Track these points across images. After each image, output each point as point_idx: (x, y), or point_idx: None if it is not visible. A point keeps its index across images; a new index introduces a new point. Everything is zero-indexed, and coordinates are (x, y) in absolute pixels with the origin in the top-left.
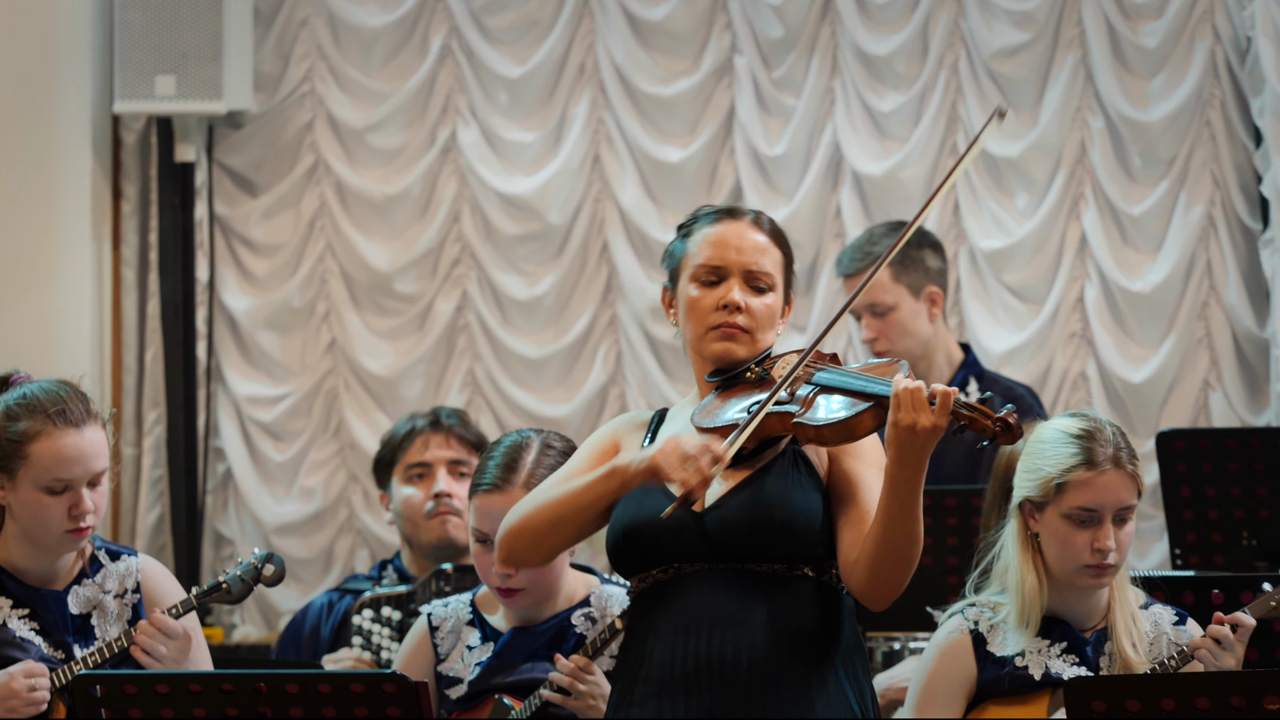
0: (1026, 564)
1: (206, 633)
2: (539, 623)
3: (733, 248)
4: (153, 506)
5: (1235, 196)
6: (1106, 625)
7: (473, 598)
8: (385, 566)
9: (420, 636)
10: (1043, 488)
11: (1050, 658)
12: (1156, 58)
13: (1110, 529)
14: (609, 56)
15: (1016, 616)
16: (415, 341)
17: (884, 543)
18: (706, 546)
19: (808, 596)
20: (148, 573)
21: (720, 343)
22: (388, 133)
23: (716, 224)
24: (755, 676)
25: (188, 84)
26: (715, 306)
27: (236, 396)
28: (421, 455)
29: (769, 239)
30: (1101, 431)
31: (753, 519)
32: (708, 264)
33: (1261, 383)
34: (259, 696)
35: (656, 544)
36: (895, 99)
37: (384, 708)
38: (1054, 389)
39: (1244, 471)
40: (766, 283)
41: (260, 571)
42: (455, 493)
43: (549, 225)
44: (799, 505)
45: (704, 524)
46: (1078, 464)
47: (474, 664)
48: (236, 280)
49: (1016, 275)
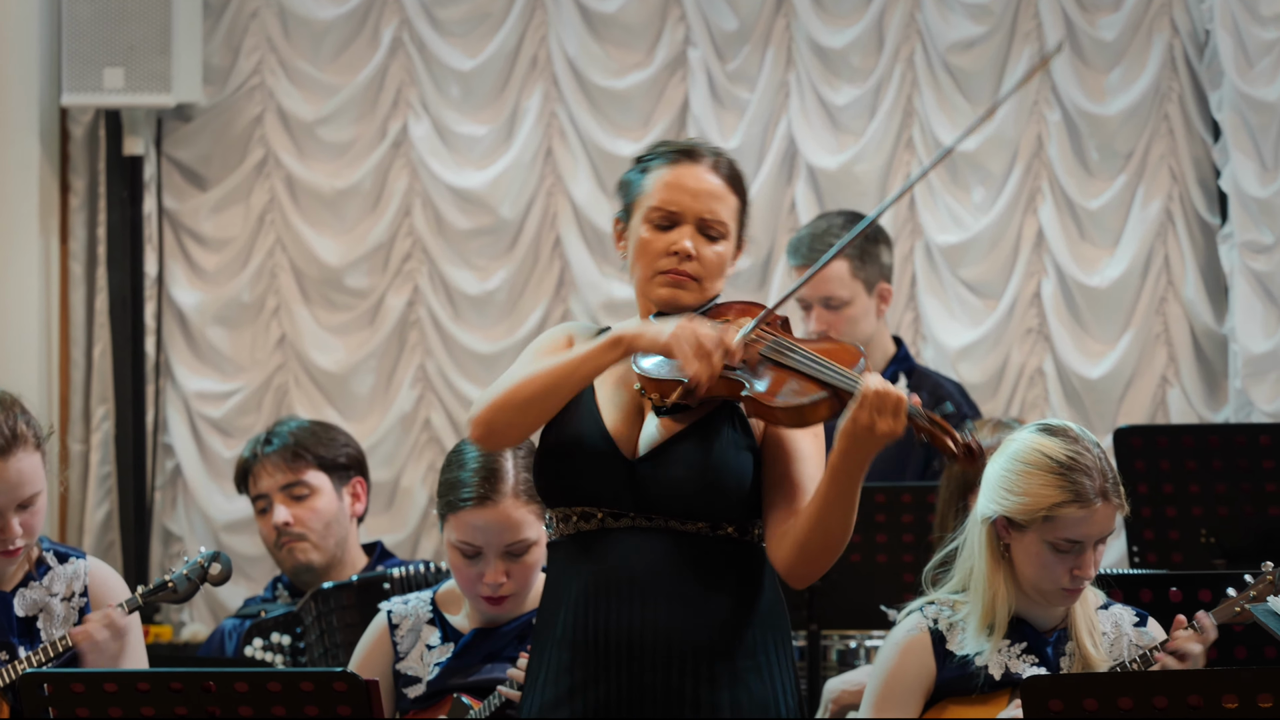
0: (997, 576)
1: (155, 630)
2: (503, 624)
3: (688, 192)
4: (101, 503)
5: (1193, 191)
6: (1067, 625)
7: (433, 596)
8: (276, 585)
9: (379, 633)
10: (1027, 515)
11: (1010, 657)
12: (1114, 51)
13: (1091, 556)
14: (561, 49)
15: (979, 622)
16: (366, 337)
17: (818, 527)
18: (632, 497)
19: (730, 558)
20: (95, 576)
21: (667, 289)
22: (338, 126)
23: (675, 165)
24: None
25: (136, 77)
26: (665, 251)
27: (185, 392)
28: (257, 487)
29: (726, 184)
30: (1085, 455)
31: (686, 477)
32: (661, 207)
33: (1220, 379)
34: (208, 695)
35: (582, 479)
36: (850, 92)
37: (334, 706)
38: (1010, 385)
39: (1202, 468)
40: (719, 230)
41: (207, 570)
42: (293, 518)
43: (501, 219)
44: (732, 465)
45: (635, 473)
46: (1068, 501)
47: (433, 664)
48: (185, 275)
49: (973, 270)
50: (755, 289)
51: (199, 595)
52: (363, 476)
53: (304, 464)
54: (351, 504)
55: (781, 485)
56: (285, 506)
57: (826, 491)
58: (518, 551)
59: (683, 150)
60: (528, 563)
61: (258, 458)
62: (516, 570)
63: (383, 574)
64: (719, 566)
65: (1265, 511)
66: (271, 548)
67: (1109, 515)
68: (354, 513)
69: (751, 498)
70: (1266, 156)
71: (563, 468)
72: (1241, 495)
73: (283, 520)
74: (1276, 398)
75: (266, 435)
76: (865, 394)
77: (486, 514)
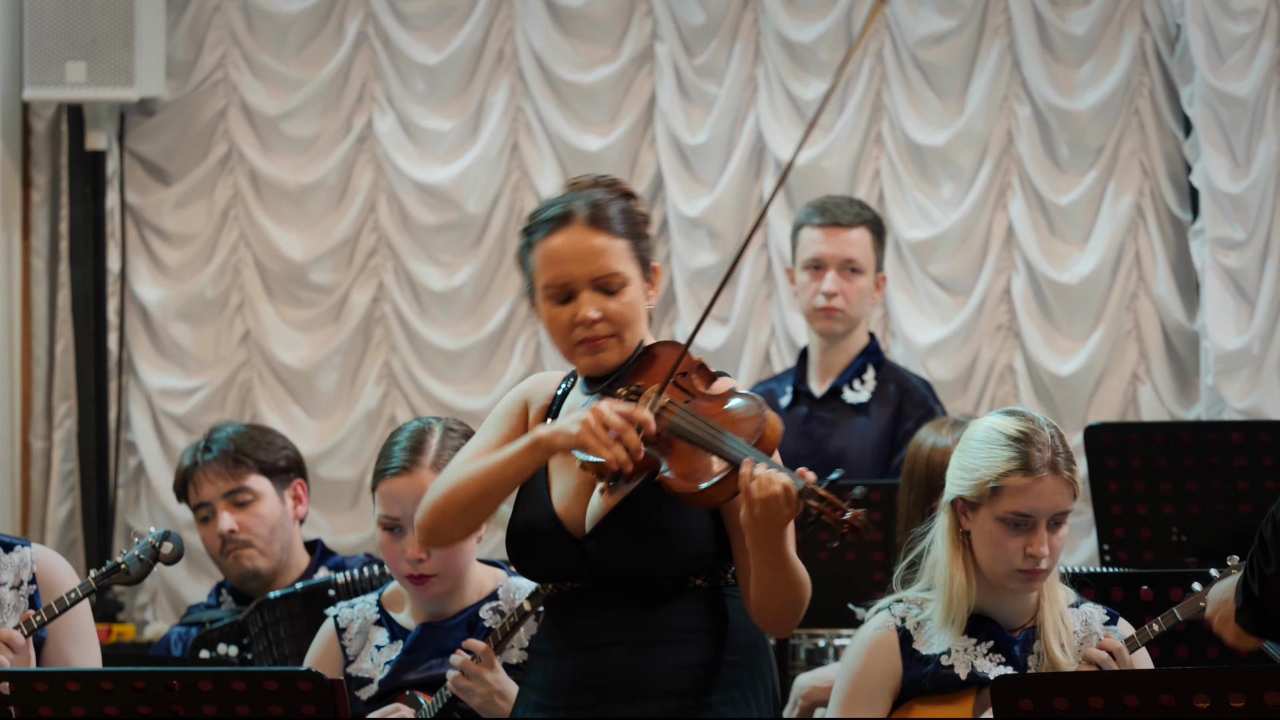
0: (956, 562)
1: (118, 629)
2: (447, 617)
3: (572, 260)
4: (63, 501)
5: (1164, 186)
6: (1035, 624)
7: (378, 597)
8: (220, 590)
9: (327, 639)
10: (977, 489)
11: (976, 656)
12: (1084, 45)
13: (1044, 534)
14: (528, 43)
15: (942, 613)
16: (331, 333)
17: (764, 594)
18: (588, 571)
19: (702, 606)
20: (43, 563)
21: (588, 357)
22: (303, 120)
23: (551, 236)
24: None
25: (99, 70)
26: (571, 324)
27: (148, 389)
28: (199, 496)
29: (608, 235)
30: (1039, 434)
31: (633, 546)
32: (554, 283)
33: (1191, 376)
34: (171, 694)
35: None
36: (819, 87)
37: (299, 706)
38: (980, 382)
39: (1173, 466)
40: (617, 283)
41: (159, 550)
42: (239, 525)
43: (467, 215)
44: (679, 529)
45: (584, 549)
46: (1014, 469)
47: (384, 663)
48: (148, 270)
49: (942, 266)
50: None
51: (163, 595)
52: (302, 478)
53: (245, 469)
54: (294, 506)
55: (739, 541)
56: (229, 514)
57: (757, 568)
58: None
59: (556, 217)
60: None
61: (198, 465)
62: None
63: (328, 580)
64: (688, 612)
65: (1237, 510)
66: (216, 556)
67: (1058, 489)
68: (296, 515)
69: (716, 547)
70: (1238, 152)
71: (521, 549)
72: (1213, 493)
73: (228, 528)
74: (1248, 395)
75: (205, 442)
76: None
77: (402, 482)
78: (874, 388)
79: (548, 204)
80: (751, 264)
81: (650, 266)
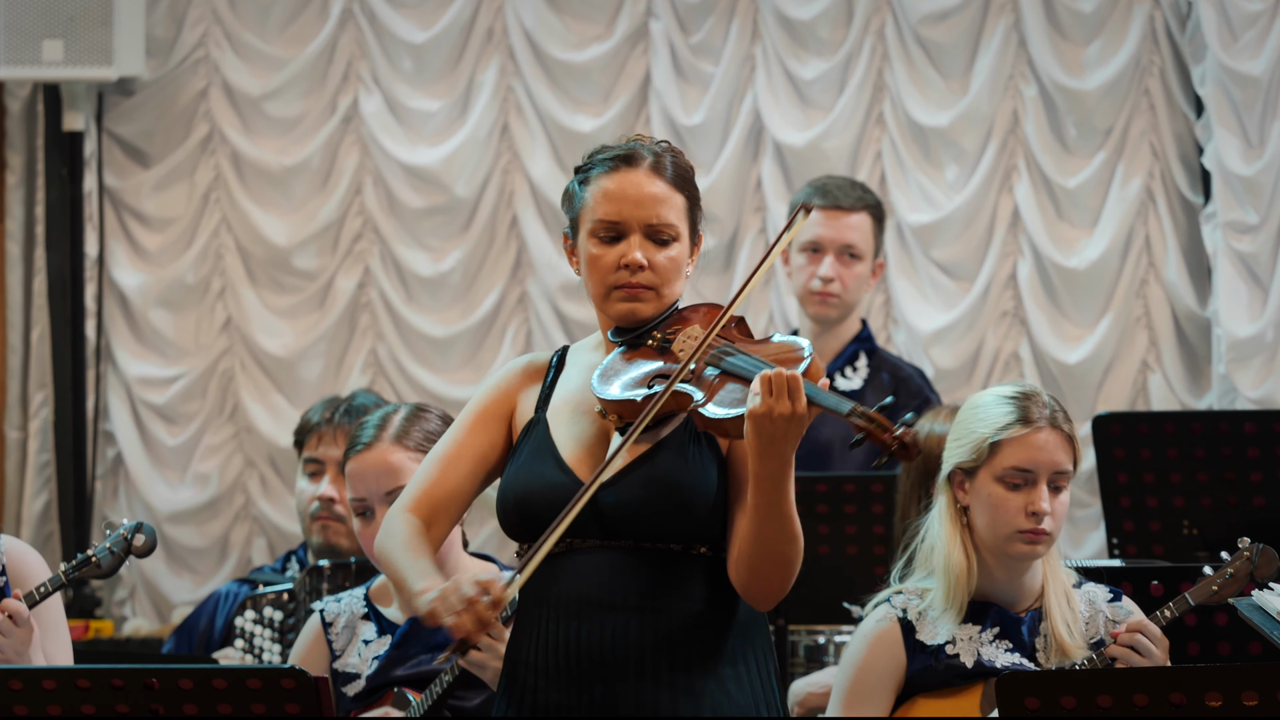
0: (954, 541)
1: (97, 625)
2: None
3: (630, 201)
4: (39, 493)
5: (1175, 169)
6: (1040, 606)
7: (366, 591)
8: (289, 558)
9: (314, 634)
10: (975, 449)
11: (982, 644)
12: (1093, 23)
13: (1045, 492)
14: (518, 21)
15: (943, 597)
16: (315, 320)
17: (756, 542)
18: (599, 524)
19: (704, 576)
20: (13, 553)
21: (624, 303)
22: (286, 101)
23: (613, 172)
24: (648, 667)
25: (76, 49)
26: (616, 265)
27: (127, 377)
28: (315, 450)
29: (669, 185)
30: (1038, 395)
31: (650, 499)
32: (605, 220)
33: (1203, 364)
34: (151, 693)
35: (543, 513)
36: (818, 66)
37: (282, 704)
38: (985, 370)
39: (1184, 457)
40: (669, 234)
41: (130, 542)
42: (339, 497)
43: (455, 198)
44: (698, 485)
45: (598, 501)
46: (1012, 421)
47: (371, 658)
48: (127, 255)
49: (946, 251)
50: (719, 270)
51: (142, 591)
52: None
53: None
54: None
55: (743, 501)
56: (337, 485)
57: (754, 501)
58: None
59: (620, 156)
60: None
61: (332, 423)
62: None
63: None
64: (692, 581)
65: (1250, 502)
66: (304, 515)
67: (1058, 443)
68: None
69: (722, 515)
70: (1251, 133)
71: (521, 505)
72: (1225, 485)
73: (329, 494)
74: (1261, 383)
75: (345, 407)
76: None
77: (365, 458)
78: (866, 375)
79: (610, 145)
80: (749, 247)
81: (698, 234)
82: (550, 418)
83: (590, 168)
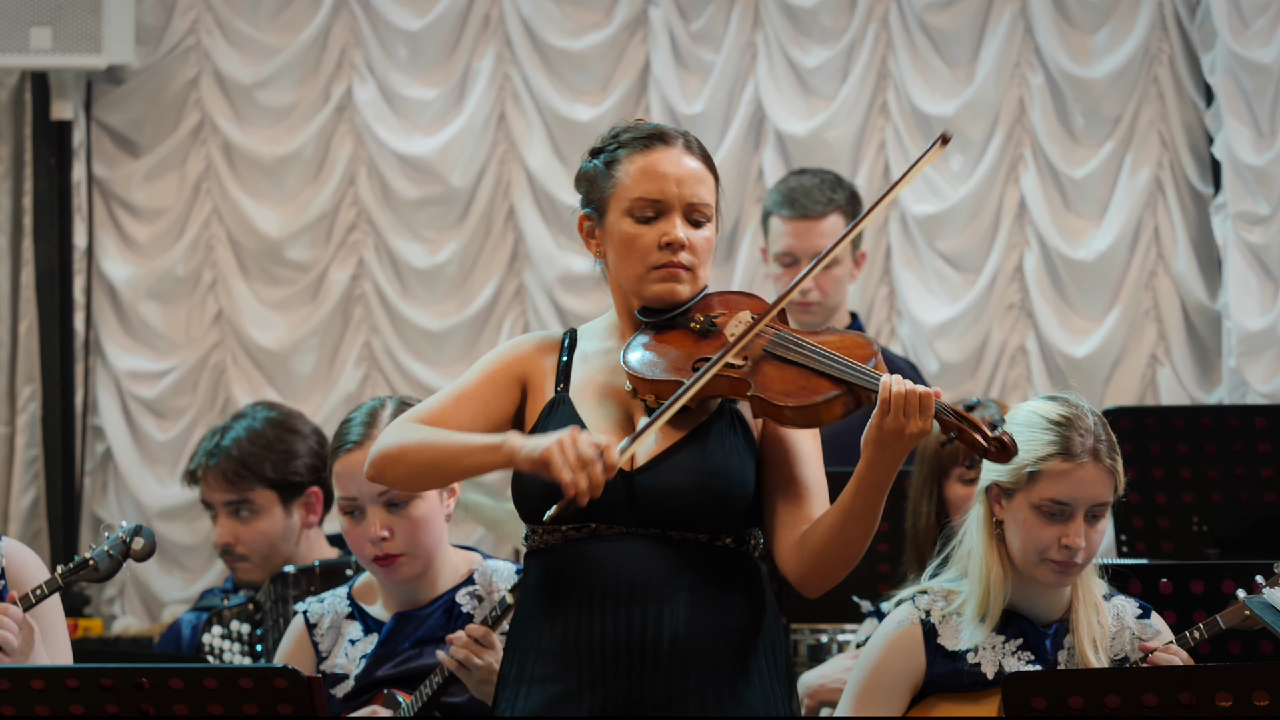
0: (992, 553)
1: (85, 624)
2: (422, 605)
3: (672, 179)
4: (27, 489)
5: (1185, 158)
6: (1067, 620)
7: (349, 590)
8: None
9: (298, 637)
10: (1014, 474)
11: (1005, 655)
12: (1100, 10)
13: (1081, 525)
14: (515, 8)
15: (976, 607)
16: (308, 313)
17: (839, 538)
18: (631, 509)
19: (729, 568)
20: (11, 555)
21: (664, 284)
22: (278, 89)
23: (647, 150)
24: (678, 660)
25: (65, 37)
26: (657, 245)
27: (117, 371)
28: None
29: (702, 165)
30: (1082, 419)
31: (690, 488)
32: (646, 197)
33: (1213, 357)
34: (141, 692)
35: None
36: (821, 54)
37: (274, 704)
38: (991, 363)
39: (1194, 452)
40: (705, 214)
41: (129, 546)
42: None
43: (451, 188)
44: (737, 476)
45: (633, 484)
46: (1054, 453)
47: (359, 657)
48: (117, 247)
49: (951, 242)
50: (721, 261)
51: (131, 589)
52: (320, 485)
53: (248, 483)
54: (304, 516)
55: (786, 490)
56: (227, 523)
57: (851, 503)
58: (397, 501)
59: (654, 134)
60: (412, 517)
61: (205, 469)
62: (401, 525)
63: (345, 560)
64: (719, 574)
65: (1260, 498)
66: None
67: (1099, 478)
68: (306, 523)
69: (753, 506)
70: (1262, 122)
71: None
72: (1235, 481)
73: (222, 541)
74: (1272, 377)
75: (216, 443)
76: (889, 396)
77: (356, 457)
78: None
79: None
80: (750, 238)
81: (719, 217)
82: (574, 398)
83: (616, 146)
